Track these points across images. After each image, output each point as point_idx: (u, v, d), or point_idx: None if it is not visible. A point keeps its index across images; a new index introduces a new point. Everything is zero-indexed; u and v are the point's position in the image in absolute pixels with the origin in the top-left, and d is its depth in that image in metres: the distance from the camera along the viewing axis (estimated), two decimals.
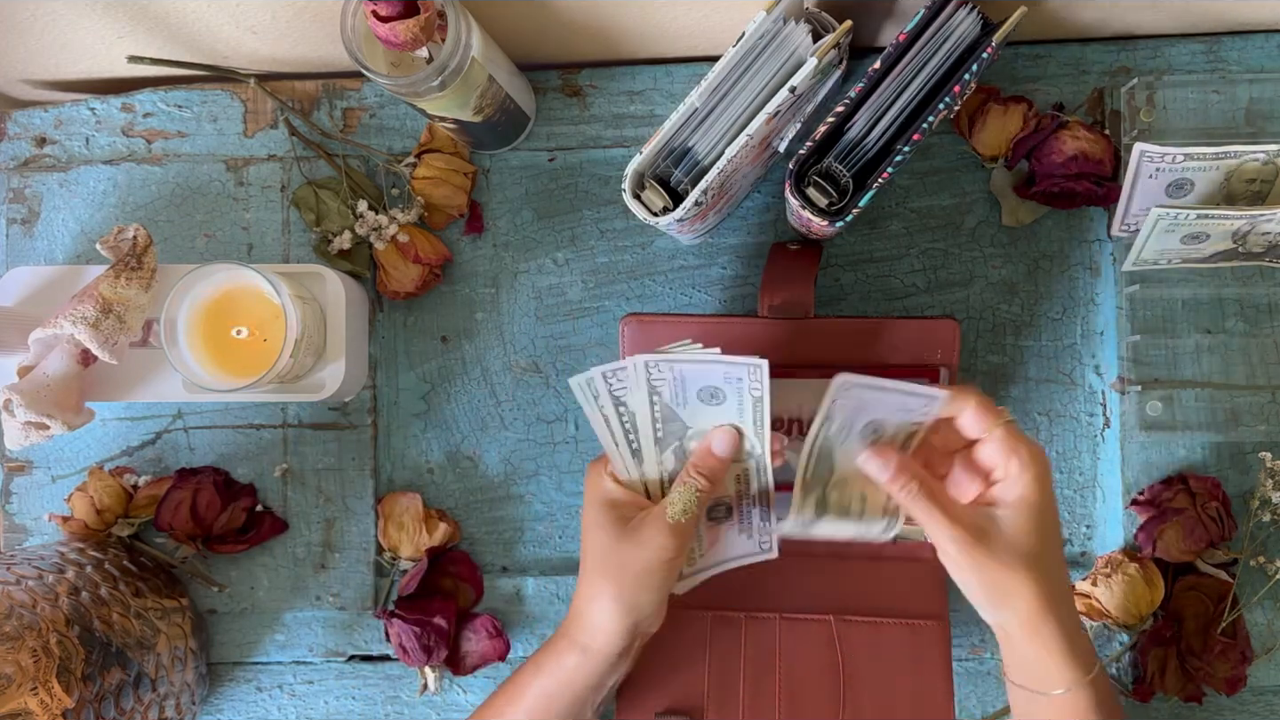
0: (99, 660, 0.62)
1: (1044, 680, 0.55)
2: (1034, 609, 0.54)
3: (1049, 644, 0.54)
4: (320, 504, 0.75)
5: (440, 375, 0.76)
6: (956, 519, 0.54)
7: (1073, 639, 0.55)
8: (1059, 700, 0.55)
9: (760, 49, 0.60)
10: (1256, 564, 0.70)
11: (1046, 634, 0.54)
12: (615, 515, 0.58)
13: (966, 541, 0.53)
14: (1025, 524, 0.53)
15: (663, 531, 0.57)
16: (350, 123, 0.76)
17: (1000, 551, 0.53)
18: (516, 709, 0.60)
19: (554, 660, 0.60)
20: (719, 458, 0.58)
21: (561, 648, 0.60)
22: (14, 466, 0.76)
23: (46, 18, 0.68)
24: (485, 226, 0.76)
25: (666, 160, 0.62)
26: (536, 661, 0.61)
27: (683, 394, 0.57)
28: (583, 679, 0.59)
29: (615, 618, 0.58)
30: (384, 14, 0.57)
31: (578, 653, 0.59)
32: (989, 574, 0.54)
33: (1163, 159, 0.64)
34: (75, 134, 0.77)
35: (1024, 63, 0.73)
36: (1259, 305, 0.71)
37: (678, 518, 0.57)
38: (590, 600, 0.59)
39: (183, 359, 0.65)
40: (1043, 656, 0.55)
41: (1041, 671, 0.55)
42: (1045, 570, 0.54)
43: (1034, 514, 0.54)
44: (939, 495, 0.55)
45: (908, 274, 0.74)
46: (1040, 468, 0.54)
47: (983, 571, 0.54)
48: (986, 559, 0.53)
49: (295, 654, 0.76)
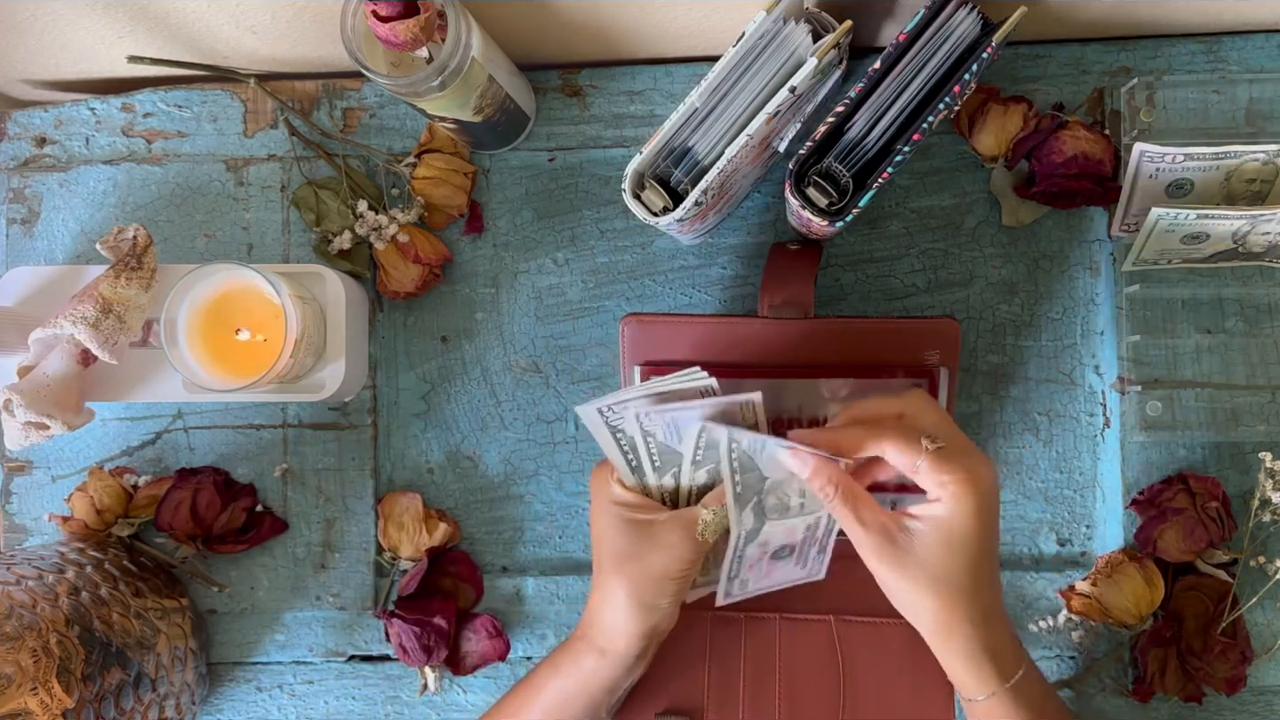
0: (99, 660, 0.62)
1: (960, 686, 0.58)
2: (937, 624, 0.55)
3: (958, 657, 0.56)
4: (320, 504, 0.75)
5: (440, 375, 0.76)
6: (869, 525, 0.55)
7: (984, 652, 0.55)
8: (982, 705, 0.57)
9: (760, 49, 0.60)
10: (1256, 564, 0.70)
11: (956, 647, 0.55)
12: (629, 518, 0.58)
13: (877, 547, 0.55)
14: (937, 546, 0.54)
15: (686, 540, 0.57)
16: (350, 123, 0.76)
17: (908, 565, 0.54)
18: (533, 709, 0.61)
19: (572, 662, 0.60)
20: None
21: (579, 649, 0.60)
22: (14, 466, 0.76)
23: (46, 18, 0.68)
24: (485, 226, 0.76)
25: (666, 160, 0.62)
26: (554, 662, 0.61)
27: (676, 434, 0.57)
28: (600, 681, 0.60)
29: (634, 621, 0.58)
30: (384, 14, 0.57)
31: (595, 655, 0.59)
32: (893, 585, 0.55)
33: (1163, 159, 0.64)
34: (75, 134, 0.77)
35: (1024, 63, 0.73)
36: (1259, 305, 0.71)
37: (705, 536, 0.57)
38: (608, 603, 0.59)
39: (183, 359, 0.65)
40: (953, 668, 0.57)
41: (958, 679, 0.57)
42: (953, 591, 0.54)
43: (949, 538, 0.54)
44: (857, 498, 0.55)
45: (908, 274, 0.74)
46: (972, 495, 0.53)
47: (891, 579, 0.55)
48: (895, 568, 0.54)
49: (295, 654, 0.76)
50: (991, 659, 0.56)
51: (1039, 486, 0.73)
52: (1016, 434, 0.74)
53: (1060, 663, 0.72)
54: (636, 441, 0.57)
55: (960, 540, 0.54)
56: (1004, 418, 0.74)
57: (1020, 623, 0.72)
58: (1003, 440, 0.74)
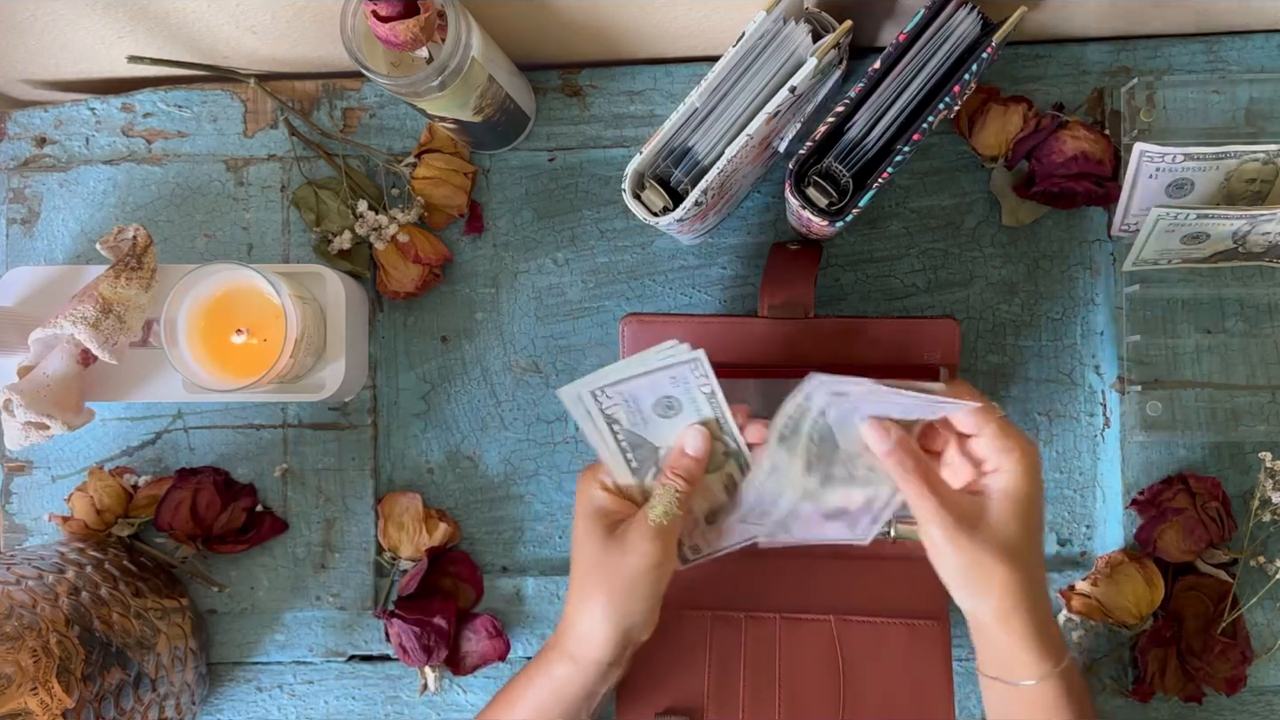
0: (99, 660, 0.62)
1: (1014, 670, 0.57)
2: (1008, 598, 0.55)
3: (1019, 633, 0.55)
4: (320, 504, 0.75)
5: (440, 375, 0.76)
6: (945, 501, 0.55)
7: (1043, 630, 0.56)
8: (1029, 691, 0.56)
9: (760, 49, 0.60)
10: (1256, 564, 0.70)
11: (1018, 623, 0.55)
12: (604, 524, 0.58)
13: (951, 524, 0.54)
14: (1010, 514, 0.55)
15: (646, 537, 0.57)
16: (350, 123, 0.76)
17: (982, 538, 0.54)
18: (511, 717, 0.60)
19: (545, 671, 0.60)
20: (693, 457, 0.58)
21: (552, 658, 0.60)
22: (14, 466, 0.76)
23: (46, 18, 0.68)
24: (485, 226, 0.76)
25: (666, 160, 0.62)
26: (528, 673, 0.61)
27: (639, 414, 0.57)
28: (574, 689, 0.59)
29: (605, 627, 0.58)
30: (384, 14, 0.57)
31: (568, 662, 0.59)
32: (968, 558, 0.55)
33: (1163, 159, 0.64)
34: (75, 134, 0.77)
35: (1024, 63, 0.73)
36: (1259, 305, 0.71)
37: (659, 520, 0.57)
38: (579, 610, 0.59)
39: (183, 359, 0.65)
40: (1013, 646, 0.56)
41: (1011, 661, 0.56)
42: (1023, 561, 0.55)
43: (1019, 506, 0.55)
44: (931, 475, 0.56)
45: (908, 274, 0.74)
46: (1031, 462, 0.55)
47: (962, 555, 0.55)
48: (968, 543, 0.54)
49: (295, 654, 0.76)
50: (1050, 638, 0.56)
51: None
52: None
53: None
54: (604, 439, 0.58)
55: (1027, 509, 0.55)
56: None
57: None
58: None
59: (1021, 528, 0.55)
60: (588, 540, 0.59)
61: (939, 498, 0.55)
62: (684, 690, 0.69)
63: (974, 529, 0.54)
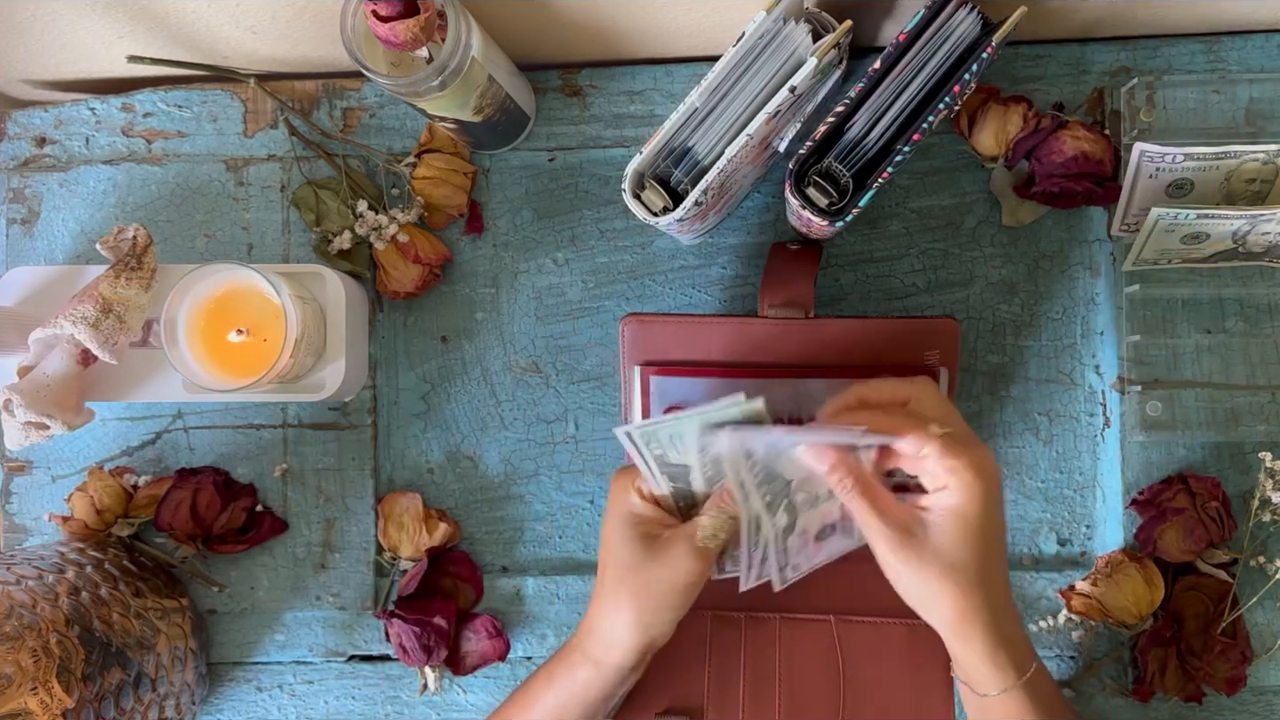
0: (99, 660, 0.62)
1: (976, 682, 0.57)
2: (956, 616, 0.54)
3: (976, 649, 0.55)
4: (320, 504, 0.75)
5: (440, 375, 0.76)
6: (887, 517, 0.54)
7: (1002, 645, 0.55)
8: (994, 701, 0.56)
9: (760, 49, 0.60)
10: (1256, 564, 0.70)
11: (970, 640, 0.55)
12: (640, 531, 0.58)
13: (894, 541, 0.54)
14: (953, 534, 0.54)
15: (690, 555, 0.56)
16: (350, 123, 0.76)
17: (925, 557, 0.54)
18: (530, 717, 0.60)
19: (567, 673, 0.60)
20: None
21: (575, 660, 0.60)
22: (14, 466, 0.76)
23: (46, 18, 0.68)
24: (485, 226, 0.76)
25: (666, 160, 0.62)
26: (549, 671, 0.61)
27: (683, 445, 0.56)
28: (595, 692, 0.59)
29: (632, 635, 0.58)
30: (384, 14, 0.57)
31: (590, 666, 0.59)
32: (912, 578, 0.54)
33: (1163, 159, 0.64)
34: (75, 134, 0.77)
35: (1024, 63, 0.73)
36: (1259, 305, 0.71)
37: (706, 543, 0.56)
38: (607, 616, 0.58)
39: (183, 359, 0.65)
40: (971, 660, 0.56)
41: (972, 673, 0.57)
42: (971, 580, 0.54)
43: (964, 525, 0.53)
44: (874, 491, 0.55)
45: (908, 274, 0.74)
46: (981, 481, 0.53)
47: (907, 573, 0.54)
48: (913, 561, 0.54)
49: (295, 654, 0.76)
50: (1009, 651, 0.55)
51: (1039, 486, 0.73)
52: (1016, 434, 0.74)
53: (1060, 663, 0.72)
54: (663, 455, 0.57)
55: (974, 527, 0.54)
56: (1004, 418, 0.74)
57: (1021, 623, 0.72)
58: (1003, 440, 0.74)
59: (970, 547, 0.54)
60: (623, 547, 0.58)
61: (881, 515, 0.54)
62: (684, 690, 0.69)
63: (917, 546, 0.54)
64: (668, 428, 0.55)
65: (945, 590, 0.54)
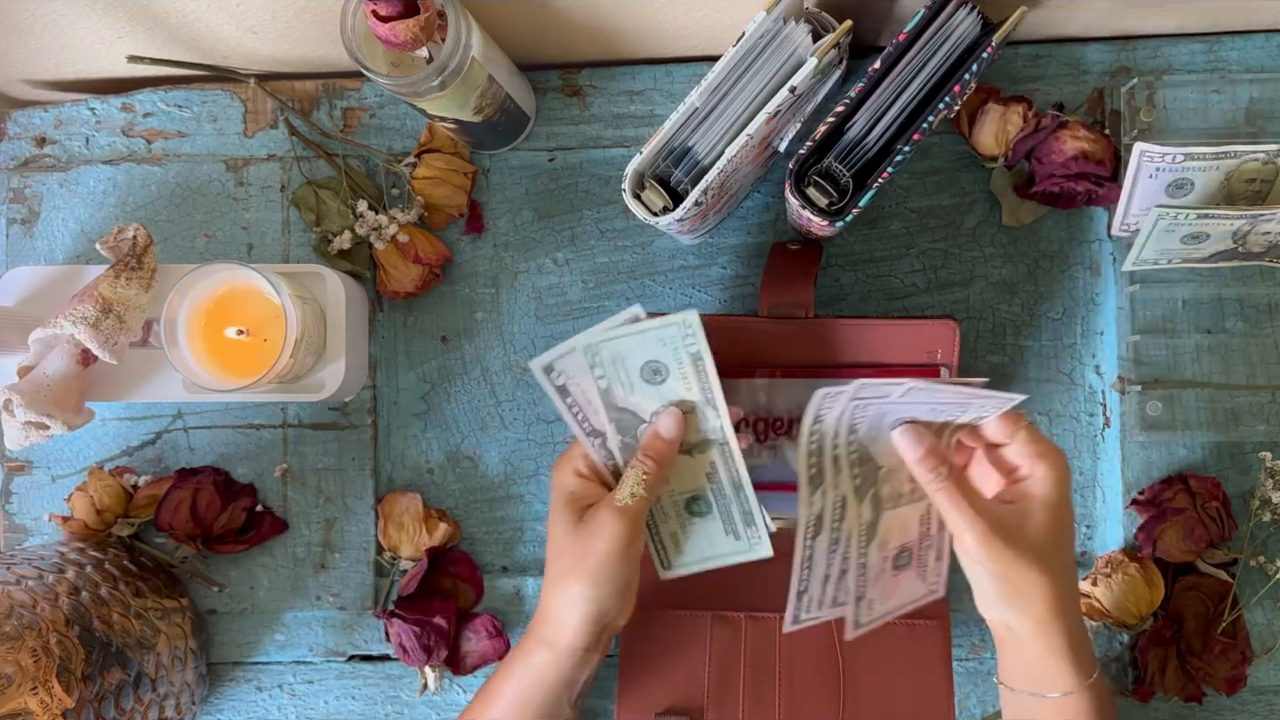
0: (99, 660, 0.62)
1: (1045, 682, 0.55)
2: (1046, 608, 0.54)
3: (1056, 645, 0.54)
4: (320, 504, 0.75)
5: (440, 375, 0.76)
6: (978, 508, 0.54)
7: (1078, 642, 0.55)
8: (1056, 704, 0.55)
9: (760, 49, 0.60)
10: (1256, 564, 0.70)
11: (1055, 634, 0.54)
12: (574, 509, 0.59)
13: (986, 531, 0.53)
14: (1046, 522, 0.54)
15: (613, 518, 0.57)
16: (350, 123, 0.76)
17: (1019, 547, 0.53)
18: (491, 712, 0.60)
19: (523, 660, 0.60)
20: (665, 440, 0.58)
21: (529, 647, 0.60)
22: (14, 466, 0.76)
23: (46, 18, 0.68)
24: (485, 226, 0.76)
25: (666, 160, 0.62)
26: (507, 664, 0.61)
27: (626, 377, 0.57)
28: (553, 676, 0.59)
29: (578, 611, 0.58)
30: (384, 14, 0.57)
31: (544, 649, 0.59)
32: (1005, 567, 0.53)
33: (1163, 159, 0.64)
34: (75, 134, 0.77)
35: (1024, 63, 0.73)
36: (1259, 305, 0.71)
37: (625, 501, 0.57)
38: (551, 595, 0.59)
39: (183, 359, 0.65)
40: (1048, 657, 0.54)
41: (1044, 672, 0.55)
42: (1060, 570, 0.54)
43: (1053, 513, 0.54)
44: (964, 484, 0.55)
45: (908, 274, 0.74)
46: (1062, 469, 0.55)
47: (999, 564, 0.53)
48: (1005, 552, 0.53)
49: (295, 654, 0.76)
50: (1084, 651, 0.55)
51: None
52: None
53: None
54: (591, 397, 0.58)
55: (1063, 514, 0.54)
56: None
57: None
58: None
59: (1057, 536, 0.54)
60: (558, 526, 0.59)
61: (975, 509, 0.54)
62: (684, 690, 0.69)
63: (1010, 537, 0.53)
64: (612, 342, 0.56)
65: (1040, 580, 0.53)
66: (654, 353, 0.57)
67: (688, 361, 0.57)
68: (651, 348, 0.57)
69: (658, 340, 0.56)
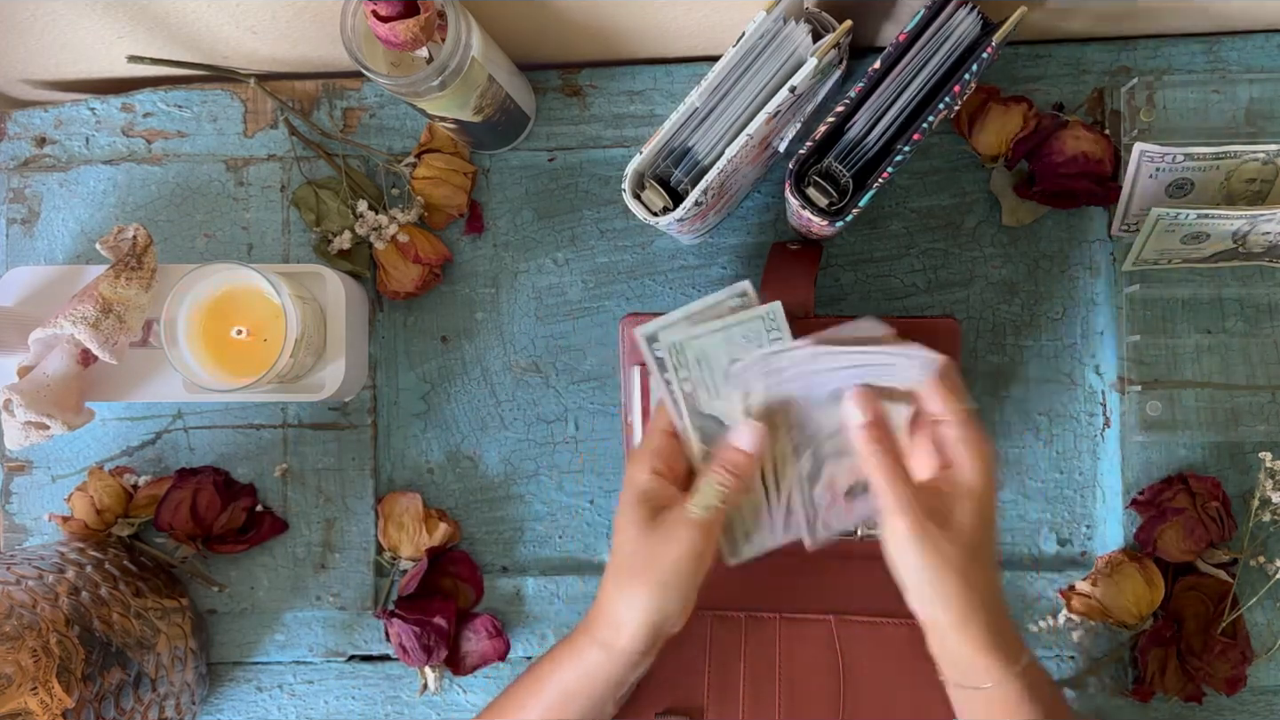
0: (99, 660, 0.62)
1: (972, 675, 0.55)
2: (965, 602, 0.54)
3: (978, 637, 0.54)
4: (320, 504, 0.75)
5: (440, 375, 0.76)
6: (913, 495, 0.54)
7: (999, 632, 0.55)
8: (988, 694, 0.55)
9: (760, 49, 0.60)
10: (1256, 564, 0.70)
11: (975, 627, 0.54)
12: (647, 510, 0.56)
13: (920, 517, 0.53)
14: (973, 513, 0.53)
15: (688, 529, 0.55)
16: (350, 123, 0.76)
17: (949, 535, 0.53)
18: (535, 703, 0.59)
19: (574, 657, 0.58)
20: (743, 451, 0.57)
21: (582, 644, 0.58)
22: (14, 466, 0.76)
23: (46, 18, 0.68)
24: (485, 226, 0.76)
25: (666, 160, 0.62)
26: (555, 656, 0.59)
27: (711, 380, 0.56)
28: (604, 677, 0.57)
29: (640, 615, 0.56)
30: (384, 14, 0.57)
31: (599, 650, 0.57)
32: (932, 556, 0.53)
33: (1163, 159, 0.64)
34: (75, 134, 0.77)
35: (1024, 63, 0.73)
36: (1259, 305, 0.71)
37: (698, 514, 0.55)
38: (614, 597, 0.57)
39: (183, 359, 0.65)
40: (971, 650, 0.55)
41: (970, 665, 0.55)
42: (981, 563, 0.54)
43: (978, 506, 0.53)
44: (901, 463, 0.54)
45: (908, 274, 0.74)
46: (989, 460, 0.54)
47: (927, 552, 0.53)
48: (937, 538, 0.53)
49: (295, 654, 0.76)
50: (1008, 640, 0.55)
51: (1039, 486, 0.73)
52: (1016, 434, 0.74)
53: (1060, 663, 0.72)
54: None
55: (986, 509, 0.53)
56: (1004, 418, 0.74)
57: (1020, 623, 0.72)
58: (1003, 440, 0.74)
59: (984, 529, 0.53)
60: (629, 526, 0.57)
61: (910, 490, 0.53)
62: (684, 690, 0.69)
63: (939, 526, 0.53)
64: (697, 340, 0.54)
65: (962, 571, 0.53)
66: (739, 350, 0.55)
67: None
68: (737, 345, 0.55)
69: (742, 336, 0.55)
